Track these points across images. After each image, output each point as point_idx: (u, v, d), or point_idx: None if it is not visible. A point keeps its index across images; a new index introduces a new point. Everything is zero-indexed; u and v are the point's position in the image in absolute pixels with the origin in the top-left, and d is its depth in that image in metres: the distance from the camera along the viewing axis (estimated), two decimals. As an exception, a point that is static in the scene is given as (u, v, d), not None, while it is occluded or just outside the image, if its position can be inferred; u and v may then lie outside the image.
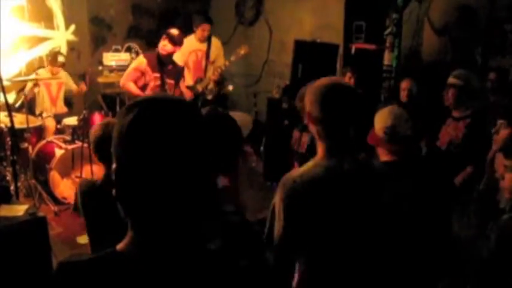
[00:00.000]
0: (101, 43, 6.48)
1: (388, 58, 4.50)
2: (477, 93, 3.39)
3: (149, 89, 4.30)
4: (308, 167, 1.61)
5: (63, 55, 5.21)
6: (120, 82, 4.45)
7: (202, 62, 5.29)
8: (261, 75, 6.76)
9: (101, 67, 5.90)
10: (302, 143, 3.63)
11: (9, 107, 3.60)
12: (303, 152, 3.58)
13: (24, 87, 4.92)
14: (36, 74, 4.92)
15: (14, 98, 5.13)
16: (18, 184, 3.85)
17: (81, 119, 4.65)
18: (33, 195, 4.30)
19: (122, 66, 5.61)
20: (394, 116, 2.19)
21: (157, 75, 4.32)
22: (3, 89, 3.48)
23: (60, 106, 5.34)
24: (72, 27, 5.92)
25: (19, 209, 2.79)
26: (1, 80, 3.42)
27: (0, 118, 4.25)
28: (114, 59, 6.03)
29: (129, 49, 6.67)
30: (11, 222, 2.67)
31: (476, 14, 4.48)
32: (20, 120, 4.33)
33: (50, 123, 4.98)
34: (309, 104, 1.62)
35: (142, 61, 4.36)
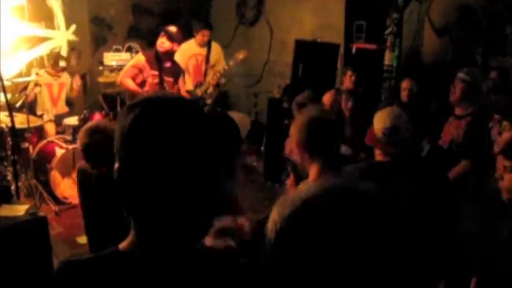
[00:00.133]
0: (102, 43, 6.49)
1: (389, 58, 4.50)
2: (482, 92, 3.41)
3: (147, 85, 4.25)
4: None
5: (64, 59, 5.20)
6: (118, 79, 4.41)
7: (202, 66, 5.28)
8: (262, 75, 6.76)
9: (101, 67, 5.90)
10: None
11: (10, 107, 3.60)
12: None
13: (26, 87, 4.92)
14: (37, 74, 4.91)
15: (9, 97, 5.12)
16: (19, 184, 3.86)
17: (81, 119, 4.66)
18: (33, 195, 4.30)
19: (123, 66, 5.57)
20: (394, 116, 2.19)
21: (155, 72, 4.27)
22: (4, 89, 3.48)
23: (61, 106, 5.33)
24: (72, 27, 5.91)
25: (20, 209, 2.79)
26: (1, 80, 3.42)
27: (1, 118, 4.24)
28: (115, 58, 6.02)
29: (129, 49, 6.67)
30: (11, 222, 2.68)
31: (477, 14, 4.48)
32: (20, 120, 4.33)
33: (49, 127, 4.97)
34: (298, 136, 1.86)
35: (140, 58, 4.32)
